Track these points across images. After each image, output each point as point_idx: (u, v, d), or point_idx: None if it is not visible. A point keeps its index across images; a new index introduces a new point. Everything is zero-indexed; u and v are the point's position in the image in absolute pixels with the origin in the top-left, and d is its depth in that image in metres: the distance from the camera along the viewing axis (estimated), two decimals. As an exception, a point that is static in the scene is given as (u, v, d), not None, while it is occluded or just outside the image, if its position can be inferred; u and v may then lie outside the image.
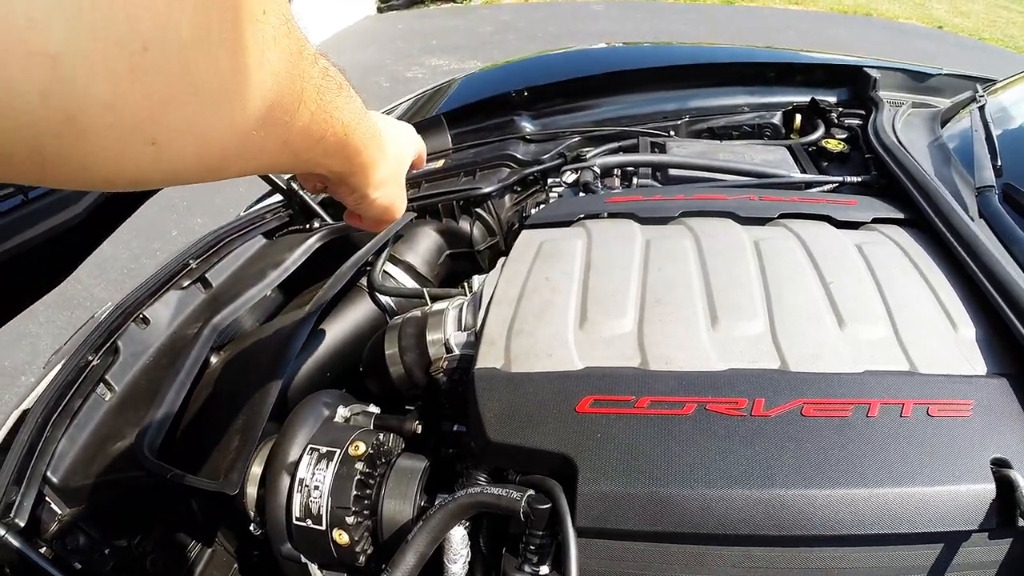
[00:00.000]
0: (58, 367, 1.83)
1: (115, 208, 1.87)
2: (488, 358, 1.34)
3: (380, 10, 16.24)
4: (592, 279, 1.49)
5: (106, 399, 1.74)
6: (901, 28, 14.09)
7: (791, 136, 2.69)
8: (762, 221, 1.70)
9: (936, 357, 1.25)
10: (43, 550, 1.44)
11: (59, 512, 1.54)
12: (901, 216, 1.73)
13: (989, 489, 1.04)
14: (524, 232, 1.75)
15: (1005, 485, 1.03)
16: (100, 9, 0.37)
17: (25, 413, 1.76)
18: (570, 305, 1.43)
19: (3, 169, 0.41)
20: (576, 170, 2.32)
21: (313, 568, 1.45)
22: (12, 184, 1.31)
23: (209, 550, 1.81)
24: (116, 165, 0.46)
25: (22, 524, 1.41)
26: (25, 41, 0.35)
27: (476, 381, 1.29)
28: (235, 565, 1.86)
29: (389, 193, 1.01)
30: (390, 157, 0.97)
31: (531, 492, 1.11)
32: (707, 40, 11.76)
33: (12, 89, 0.36)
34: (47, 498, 1.52)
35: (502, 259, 1.68)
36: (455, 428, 1.61)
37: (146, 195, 2.02)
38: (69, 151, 0.42)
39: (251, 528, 1.51)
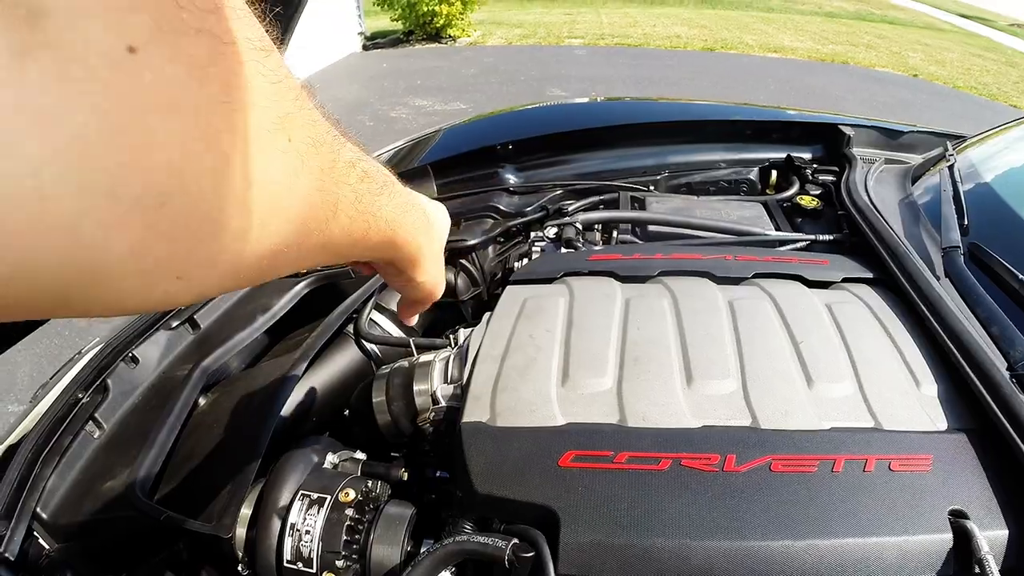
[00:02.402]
0: (45, 402, 1.86)
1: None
2: (474, 412, 1.39)
3: (365, 47, 16.35)
4: (574, 337, 1.54)
5: (95, 437, 1.76)
6: (877, 76, 14.27)
7: (767, 191, 2.74)
8: (737, 280, 1.76)
9: (899, 413, 1.31)
10: (31, 586, 1.45)
11: (47, 548, 1.55)
12: (870, 276, 1.78)
13: (947, 539, 1.09)
14: (508, 288, 1.80)
15: (962, 535, 1.09)
16: (112, 170, 0.37)
17: (10, 448, 1.78)
18: (552, 363, 1.48)
19: (32, 313, 0.41)
20: (559, 225, 2.37)
21: None
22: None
23: (193, 589, 1.83)
24: (143, 299, 0.46)
25: (12, 558, 1.42)
26: (40, 215, 0.35)
27: (463, 435, 1.34)
28: (215, 605, 1.89)
29: (435, 274, 1.00)
30: (436, 240, 0.98)
31: (515, 541, 1.15)
32: (688, 88, 11.91)
33: (31, 259, 0.37)
34: (36, 533, 1.53)
35: (487, 314, 1.73)
36: (438, 475, 1.65)
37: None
38: (94, 296, 0.43)
39: (239, 569, 1.54)
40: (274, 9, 0.56)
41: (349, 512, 1.39)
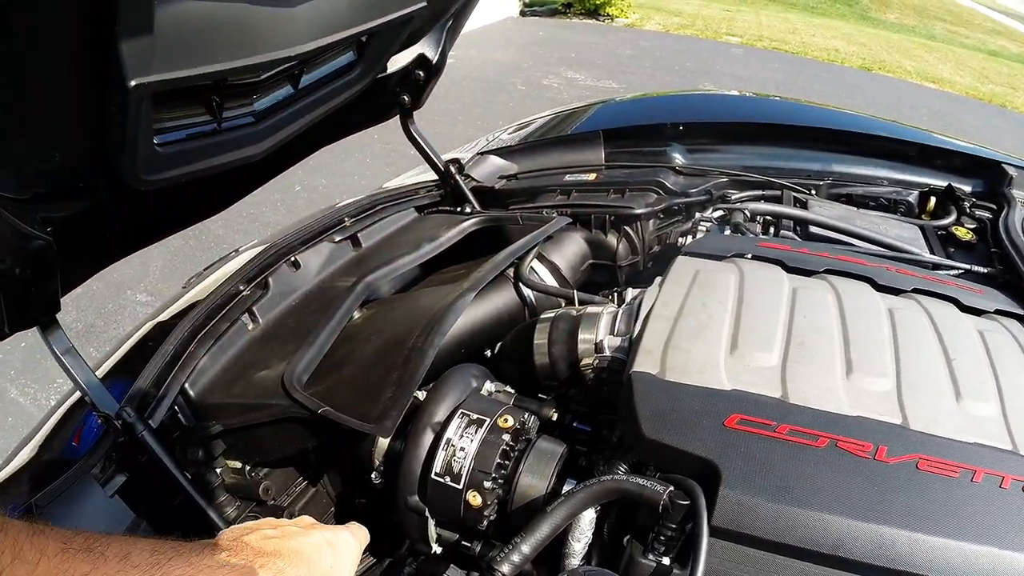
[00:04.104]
0: (197, 290, 2.02)
1: (285, 156, 1.99)
2: (644, 364, 1.48)
3: (523, 13, 16.35)
4: (744, 312, 1.63)
5: (249, 328, 1.88)
6: (1035, 125, 13.71)
7: (923, 216, 2.74)
8: (896, 291, 1.81)
9: (1038, 444, 1.35)
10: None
11: (186, 423, 1.67)
12: (1022, 313, 1.82)
13: (1067, 565, 1.14)
14: (680, 258, 1.88)
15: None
16: None
17: (159, 324, 1.91)
18: (723, 331, 1.57)
19: None
20: (727, 210, 2.45)
21: (431, 523, 1.57)
22: (208, 112, 1.41)
23: (313, 490, 1.93)
24: None
25: (154, 425, 1.53)
26: None
27: (634, 381, 1.43)
28: (332, 508, 1.99)
29: None
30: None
31: (672, 488, 1.24)
32: (840, 104, 11.66)
33: None
34: (177, 407, 1.64)
35: (659, 278, 1.81)
36: (575, 424, 1.74)
37: (312, 148, 2.17)
38: None
39: (371, 476, 1.62)
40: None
41: (505, 438, 1.49)
